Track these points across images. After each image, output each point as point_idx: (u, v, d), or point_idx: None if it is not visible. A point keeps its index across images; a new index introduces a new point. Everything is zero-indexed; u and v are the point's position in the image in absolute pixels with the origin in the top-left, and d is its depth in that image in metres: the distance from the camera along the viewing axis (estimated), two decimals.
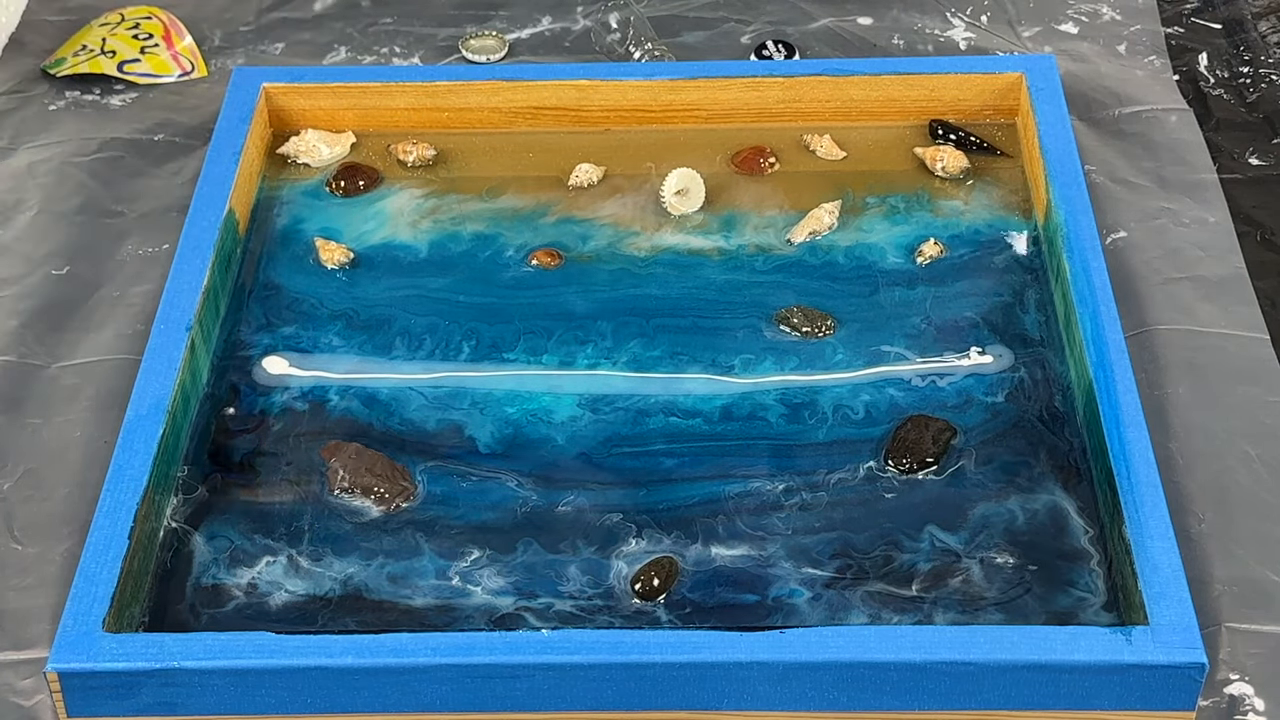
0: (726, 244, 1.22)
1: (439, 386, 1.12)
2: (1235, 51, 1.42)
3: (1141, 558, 0.96)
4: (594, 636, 0.95)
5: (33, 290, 1.22)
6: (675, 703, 0.94)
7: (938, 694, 0.93)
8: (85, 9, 1.49)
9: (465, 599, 1.00)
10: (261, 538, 1.04)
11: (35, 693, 0.98)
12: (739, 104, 1.30)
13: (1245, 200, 1.28)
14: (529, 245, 1.22)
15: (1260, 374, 1.14)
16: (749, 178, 1.27)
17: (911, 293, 1.18)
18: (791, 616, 0.99)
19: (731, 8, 1.48)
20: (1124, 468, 1.01)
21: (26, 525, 1.07)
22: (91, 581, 0.97)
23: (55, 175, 1.32)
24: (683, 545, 1.02)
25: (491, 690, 0.94)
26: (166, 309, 1.12)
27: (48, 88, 1.41)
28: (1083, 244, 1.14)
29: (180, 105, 1.39)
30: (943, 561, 1.01)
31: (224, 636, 0.94)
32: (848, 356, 1.13)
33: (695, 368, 1.13)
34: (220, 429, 1.10)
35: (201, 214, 1.19)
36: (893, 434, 1.08)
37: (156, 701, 0.94)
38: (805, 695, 0.94)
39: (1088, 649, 0.92)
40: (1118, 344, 1.08)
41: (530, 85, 1.30)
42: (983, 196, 1.25)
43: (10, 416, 1.13)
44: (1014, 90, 1.30)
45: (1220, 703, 0.97)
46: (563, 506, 1.05)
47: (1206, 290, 1.20)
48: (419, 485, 1.06)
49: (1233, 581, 1.02)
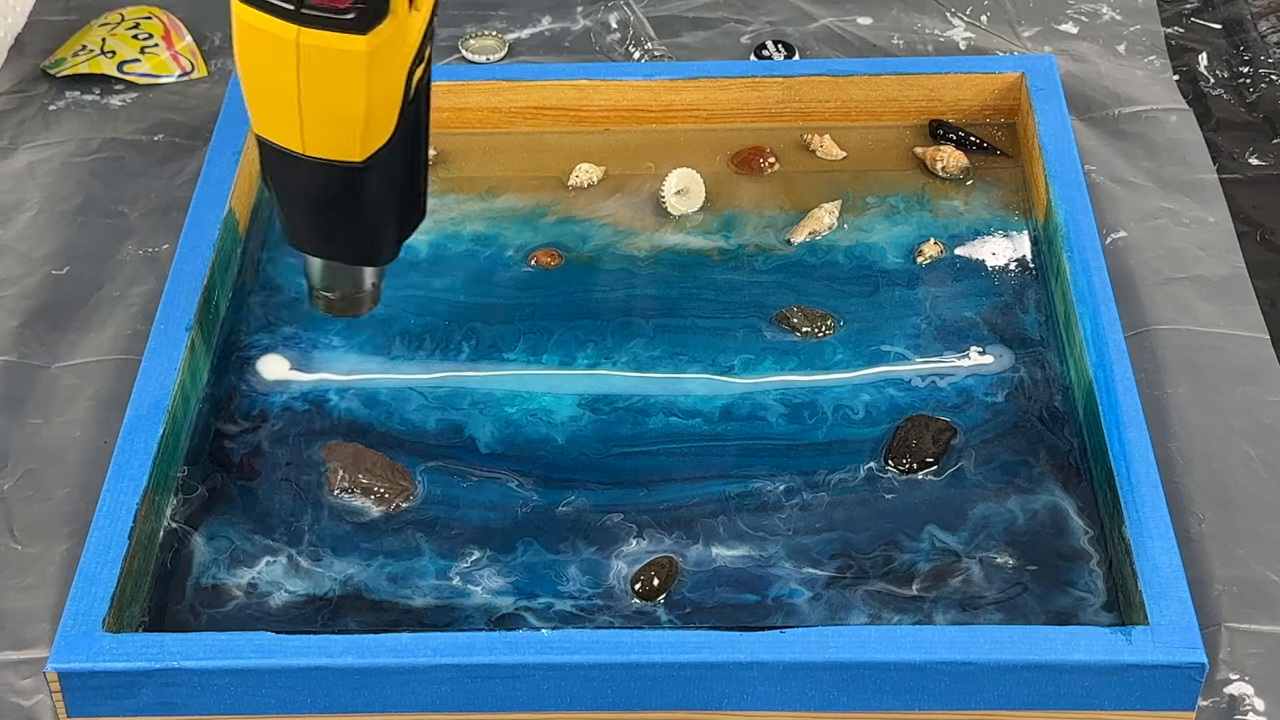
0: (726, 244, 1.22)
1: (439, 386, 1.12)
2: (1235, 51, 1.42)
3: (1141, 558, 0.96)
4: (594, 636, 0.95)
5: (33, 290, 1.22)
6: (675, 703, 0.94)
7: (938, 694, 0.93)
8: (85, 9, 1.49)
9: (465, 599, 1.00)
10: (261, 538, 1.04)
11: (35, 693, 0.98)
12: (739, 104, 1.30)
13: (1245, 200, 1.28)
14: (529, 245, 1.22)
15: (1260, 374, 1.14)
16: (749, 178, 1.27)
17: (911, 293, 1.18)
18: (791, 616, 0.99)
19: (731, 8, 1.48)
20: (1124, 468, 1.01)
21: (26, 525, 1.07)
22: (91, 581, 0.97)
23: (55, 175, 1.32)
24: (683, 545, 1.02)
25: (491, 690, 0.94)
26: (166, 309, 1.12)
27: (48, 88, 1.41)
28: (1083, 244, 1.14)
29: (180, 105, 1.39)
30: (943, 561, 1.01)
31: (224, 636, 0.94)
32: (848, 356, 1.13)
33: (695, 368, 1.13)
34: (220, 429, 1.10)
35: (201, 214, 1.19)
36: (893, 434, 1.08)
37: (156, 701, 0.94)
38: (805, 695, 0.94)
39: (1088, 649, 0.92)
40: (1118, 344, 1.08)
41: (530, 85, 1.30)
42: (983, 196, 1.25)
43: (10, 416, 1.13)
44: (1014, 90, 1.30)
45: (1220, 703, 0.97)
46: (563, 507, 1.05)
47: (1206, 290, 1.20)
48: (419, 485, 1.06)
49: (1233, 581, 1.02)
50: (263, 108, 0.91)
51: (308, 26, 0.87)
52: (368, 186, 0.93)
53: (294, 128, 0.91)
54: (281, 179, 0.95)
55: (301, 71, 0.88)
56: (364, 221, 0.96)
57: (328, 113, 0.90)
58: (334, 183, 0.93)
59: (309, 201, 0.95)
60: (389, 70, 0.90)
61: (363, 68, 0.88)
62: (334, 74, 0.88)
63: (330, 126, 0.90)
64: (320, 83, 0.88)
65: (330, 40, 0.87)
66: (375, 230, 0.97)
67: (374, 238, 0.98)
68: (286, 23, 0.87)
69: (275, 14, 0.87)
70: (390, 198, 0.96)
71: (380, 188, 0.94)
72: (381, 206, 0.95)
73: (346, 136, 0.91)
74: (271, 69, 0.88)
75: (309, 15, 0.86)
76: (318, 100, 0.89)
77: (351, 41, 0.87)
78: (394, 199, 0.96)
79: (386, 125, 0.92)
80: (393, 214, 0.97)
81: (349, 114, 0.90)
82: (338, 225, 0.96)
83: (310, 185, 0.94)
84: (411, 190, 0.97)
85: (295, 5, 0.86)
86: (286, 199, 0.96)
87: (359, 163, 0.92)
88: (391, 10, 0.87)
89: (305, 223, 0.97)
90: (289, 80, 0.88)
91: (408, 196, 0.97)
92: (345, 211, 0.95)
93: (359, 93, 0.89)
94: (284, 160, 0.92)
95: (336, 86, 0.88)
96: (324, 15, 0.86)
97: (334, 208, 0.95)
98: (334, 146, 0.91)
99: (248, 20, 0.88)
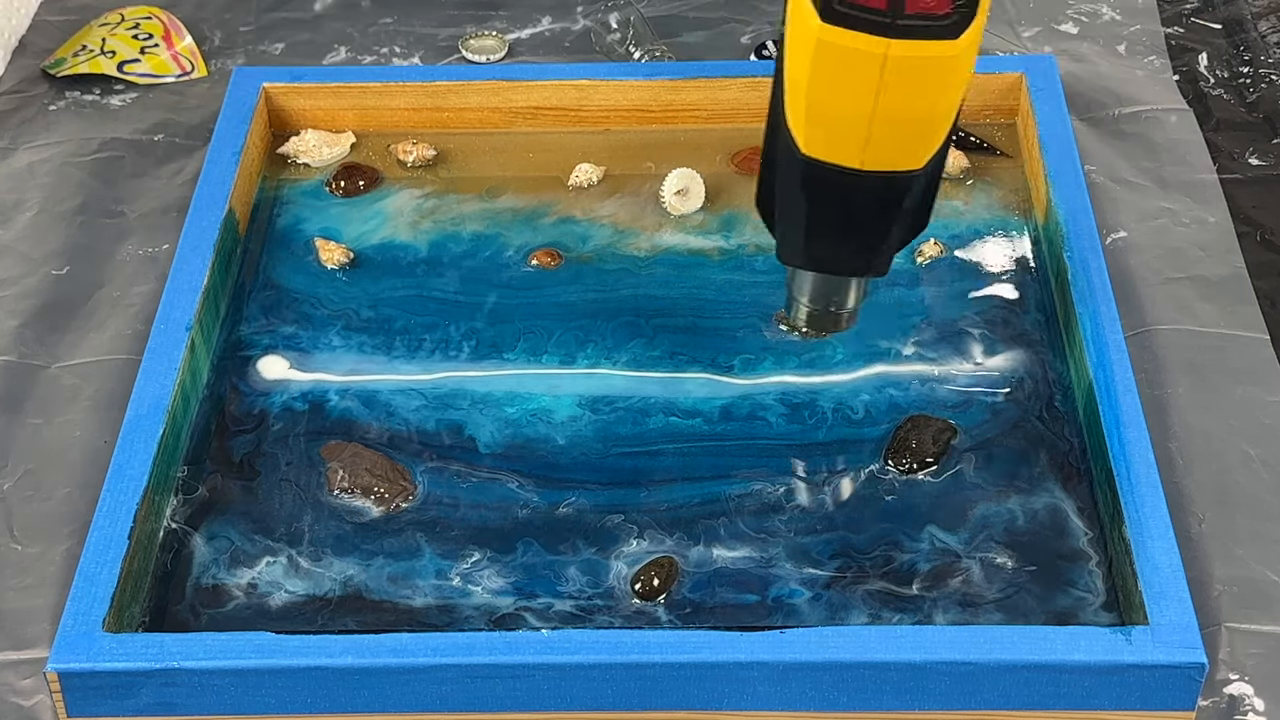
0: (726, 244, 1.22)
1: (439, 386, 1.12)
2: (1235, 51, 1.42)
3: (1141, 558, 0.96)
4: (594, 636, 0.95)
5: (33, 290, 1.22)
6: (675, 703, 0.94)
7: (938, 694, 0.93)
8: (85, 9, 1.49)
9: (465, 599, 1.00)
10: (261, 538, 1.04)
11: (35, 693, 0.98)
12: (739, 104, 1.30)
13: (1245, 200, 1.28)
14: (529, 245, 1.22)
15: (1260, 374, 1.14)
16: (749, 178, 1.27)
17: (911, 293, 1.18)
18: (791, 616, 0.99)
19: (731, 8, 1.48)
20: (1124, 468, 1.01)
21: (26, 525, 1.07)
22: (91, 581, 0.97)
23: (55, 175, 1.32)
24: (683, 545, 1.02)
25: (491, 690, 0.94)
26: (166, 309, 1.12)
27: (48, 88, 1.41)
28: (1083, 244, 1.14)
29: (180, 105, 1.39)
30: (943, 561, 1.01)
31: (224, 636, 0.94)
32: (848, 356, 1.13)
33: (695, 368, 1.13)
34: (220, 429, 1.10)
35: (201, 214, 1.19)
36: (893, 434, 1.08)
37: (156, 702, 0.94)
38: (805, 695, 0.94)
39: (1088, 649, 0.92)
40: (1118, 344, 1.08)
41: (530, 85, 1.30)
42: (983, 196, 1.25)
43: (10, 416, 1.13)
44: (1014, 90, 1.30)
45: (1220, 703, 0.97)
46: (563, 507, 1.05)
47: (1206, 290, 1.20)
48: (419, 485, 1.06)
49: (1233, 581, 1.02)
50: (825, 129, 0.88)
51: (902, 38, 0.83)
52: (913, 193, 0.91)
53: (858, 145, 0.88)
54: (815, 198, 0.91)
55: (884, 86, 0.85)
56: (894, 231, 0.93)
57: (903, 124, 0.87)
58: (886, 194, 0.90)
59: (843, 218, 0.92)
60: (968, 72, 0.87)
61: (957, 72, 0.85)
62: (923, 83, 0.85)
63: (900, 138, 0.87)
64: (904, 94, 0.85)
65: (925, 49, 0.84)
66: (895, 239, 0.94)
67: (890, 247, 0.95)
68: (879, 37, 0.83)
69: (866, 29, 0.83)
70: (923, 203, 0.93)
71: (924, 192, 0.92)
72: (913, 212, 0.93)
73: (914, 145, 0.88)
74: (851, 88, 0.85)
75: (905, 26, 0.83)
76: (895, 113, 0.86)
77: (947, 47, 0.84)
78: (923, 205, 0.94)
79: (948, 128, 0.89)
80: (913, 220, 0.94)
81: (927, 122, 0.87)
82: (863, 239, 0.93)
83: (852, 201, 0.91)
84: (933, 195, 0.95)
85: (891, 17, 0.83)
86: (813, 218, 0.93)
87: (916, 171, 0.89)
88: (980, 9, 0.84)
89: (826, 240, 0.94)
90: (867, 97, 0.85)
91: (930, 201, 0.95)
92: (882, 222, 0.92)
93: (945, 98, 0.86)
94: (830, 178, 0.89)
95: (921, 95, 0.86)
96: (922, 24, 0.83)
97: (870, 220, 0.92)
98: (897, 158, 0.89)
99: (832, 40, 0.84)
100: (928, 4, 0.83)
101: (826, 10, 0.84)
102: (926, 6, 0.83)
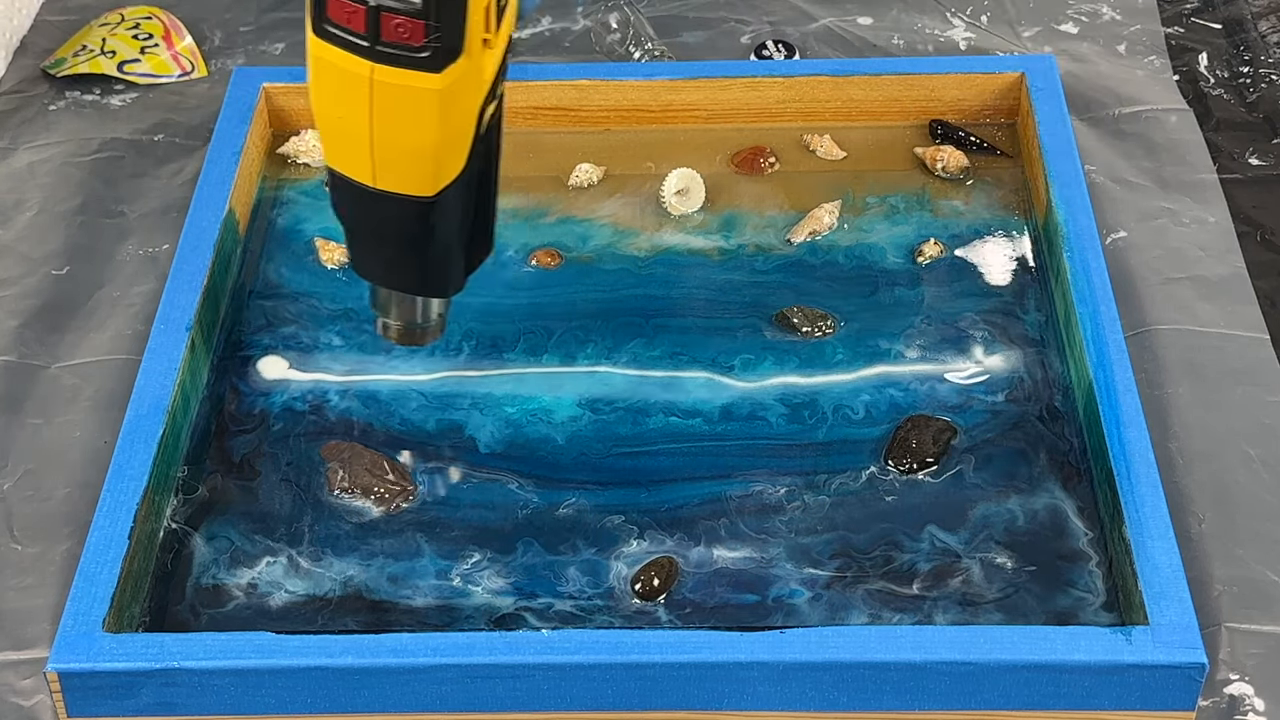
0: (726, 244, 1.22)
1: (439, 386, 1.12)
2: (1235, 51, 1.42)
3: (1141, 558, 0.96)
4: (594, 636, 0.95)
5: (33, 290, 1.22)
6: (675, 703, 0.94)
7: (938, 694, 0.93)
8: (86, 9, 1.49)
9: (465, 599, 1.00)
10: (261, 538, 1.04)
11: (35, 693, 0.98)
12: (739, 104, 1.30)
13: (1245, 200, 1.28)
14: (529, 245, 1.22)
15: (1260, 374, 1.14)
16: (749, 178, 1.27)
17: (912, 293, 1.18)
18: (792, 616, 0.99)
19: (731, 8, 1.48)
20: (1124, 468, 1.01)
21: (26, 525, 1.07)
22: (91, 581, 0.97)
23: (55, 175, 1.32)
24: (683, 545, 1.02)
25: (491, 690, 0.94)
26: (166, 309, 1.12)
27: (48, 88, 1.41)
28: (1083, 244, 1.14)
29: (180, 105, 1.39)
30: (943, 561, 1.01)
31: (224, 636, 0.94)
32: (848, 356, 1.13)
33: (695, 368, 1.13)
34: (220, 429, 1.10)
35: (201, 214, 1.19)
36: (893, 434, 1.08)
37: (156, 702, 0.94)
38: (805, 695, 0.94)
39: (1088, 649, 0.92)
40: (1118, 344, 1.08)
41: (530, 85, 1.30)
42: (983, 196, 1.25)
43: (10, 416, 1.13)
44: (1014, 90, 1.30)
45: (1220, 703, 0.97)
46: (563, 508, 1.05)
47: (1206, 290, 1.20)
48: (419, 485, 1.06)
49: (1233, 581, 1.02)
50: (335, 141, 0.90)
51: (382, 64, 0.85)
52: (437, 221, 0.92)
53: (366, 162, 0.89)
54: (351, 211, 0.94)
55: (375, 107, 0.87)
56: (432, 254, 0.95)
57: (400, 148, 0.89)
58: (404, 216, 0.92)
59: (378, 234, 0.94)
60: (461, 108, 0.89)
61: (436, 106, 0.87)
62: (407, 111, 0.87)
63: (402, 162, 0.90)
64: (393, 119, 0.87)
65: (404, 78, 0.86)
66: (443, 263, 0.96)
67: (442, 270, 0.97)
68: (361, 59, 0.85)
69: (350, 50, 0.85)
70: (459, 231, 0.95)
71: (449, 222, 0.93)
72: (450, 240, 0.95)
73: (418, 172, 0.90)
74: (345, 104, 0.87)
75: (384, 52, 0.85)
76: (390, 136, 0.88)
77: (425, 79, 0.86)
78: (463, 233, 0.95)
79: (458, 161, 0.91)
80: (461, 247, 0.96)
81: (421, 150, 0.89)
82: (406, 258, 0.95)
83: (380, 218, 0.93)
84: (480, 224, 0.97)
85: (370, 42, 0.85)
86: (356, 231, 0.95)
87: (429, 197, 0.91)
88: (465, 49, 0.86)
89: (373, 255, 0.96)
90: (362, 115, 0.87)
91: (476, 230, 0.97)
92: (414, 244, 0.94)
93: (431, 130, 0.88)
94: (354, 193, 0.91)
95: (409, 123, 0.87)
96: (399, 53, 0.85)
97: (403, 241, 0.94)
98: (405, 181, 0.90)
99: (322, 55, 0.87)
100: (402, 35, 0.85)
101: (318, 25, 0.86)
102: (401, 37, 0.85)
